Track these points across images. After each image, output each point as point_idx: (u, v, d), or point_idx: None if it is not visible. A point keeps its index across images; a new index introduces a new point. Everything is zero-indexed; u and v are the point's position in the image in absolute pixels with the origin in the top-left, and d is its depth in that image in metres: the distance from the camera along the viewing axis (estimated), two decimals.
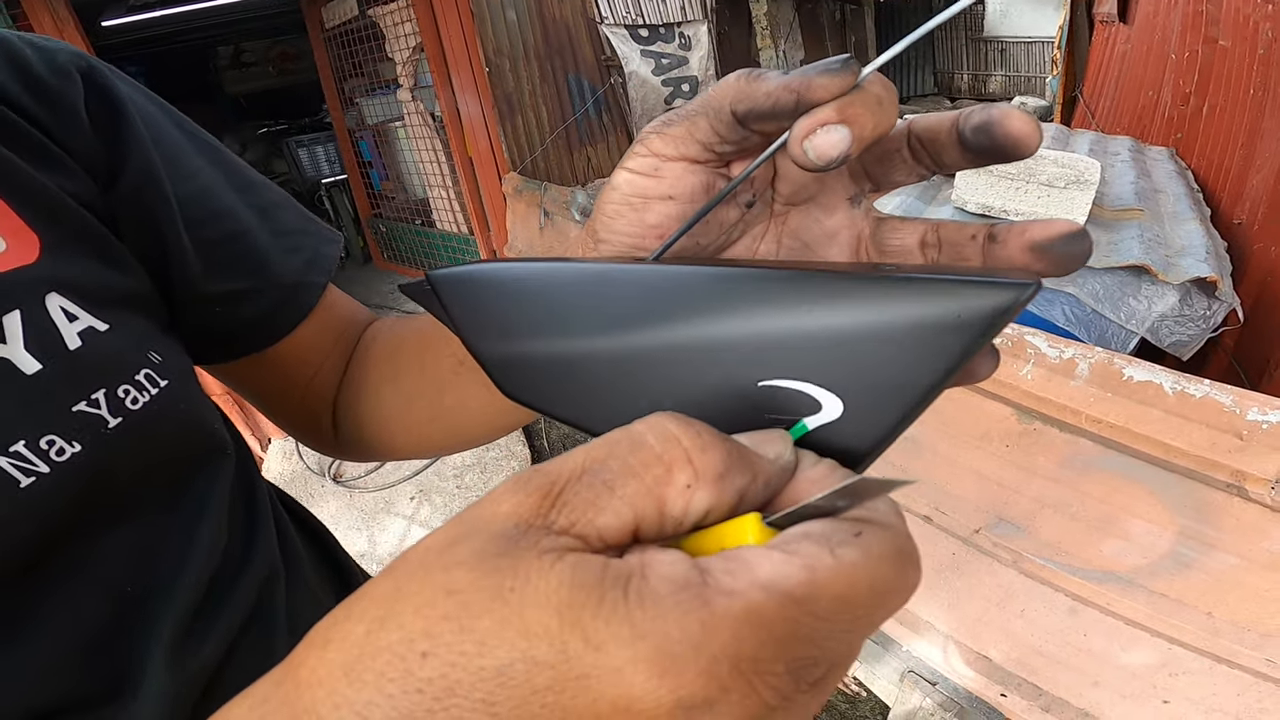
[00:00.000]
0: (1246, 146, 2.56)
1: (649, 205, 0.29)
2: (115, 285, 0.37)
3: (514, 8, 3.71)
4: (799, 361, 0.25)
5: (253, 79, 7.65)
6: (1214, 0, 3.19)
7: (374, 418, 0.52)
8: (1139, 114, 4.10)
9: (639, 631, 0.17)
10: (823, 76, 0.23)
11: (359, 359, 0.53)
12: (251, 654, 0.39)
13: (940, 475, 1.48)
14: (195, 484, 0.39)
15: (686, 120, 0.28)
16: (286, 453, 3.26)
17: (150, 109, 0.44)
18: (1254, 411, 1.13)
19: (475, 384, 0.45)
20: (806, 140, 0.24)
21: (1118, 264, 1.32)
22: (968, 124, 0.25)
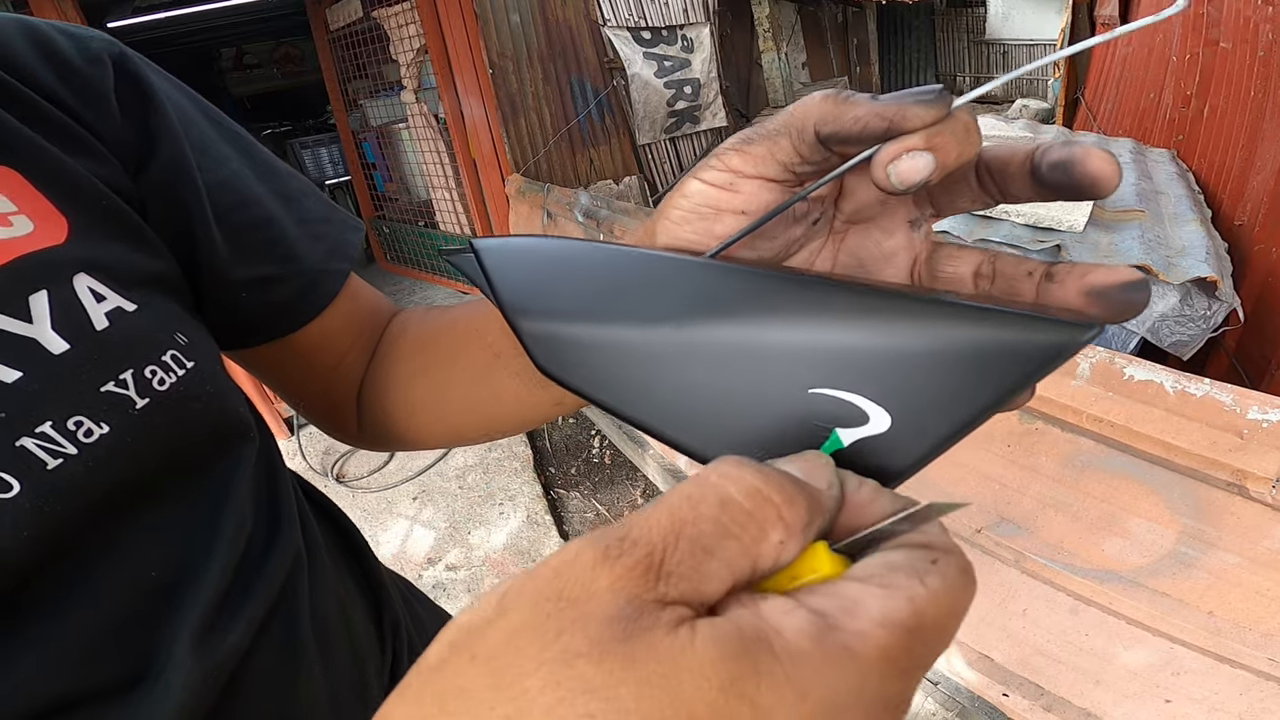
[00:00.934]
0: (1247, 148, 2.55)
1: (720, 217, 0.30)
2: (143, 267, 0.37)
3: (518, 10, 3.74)
4: (853, 373, 0.25)
5: (257, 81, 7.67)
6: (1214, 2, 3.20)
7: (403, 408, 0.52)
8: (1140, 116, 4.10)
9: (802, 691, 0.17)
10: (918, 107, 0.24)
11: (387, 349, 0.53)
12: (276, 641, 0.39)
13: (942, 476, 1.48)
14: (221, 468, 0.39)
15: (768, 140, 0.28)
16: (290, 453, 3.27)
17: (179, 98, 0.44)
18: (1254, 410, 1.13)
19: (512, 376, 0.45)
20: (892, 164, 0.24)
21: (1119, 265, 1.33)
22: (1045, 159, 0.25)
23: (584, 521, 2.76)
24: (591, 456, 3.11)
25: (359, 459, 3.20)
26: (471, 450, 3.13)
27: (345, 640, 0.46)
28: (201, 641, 0.34)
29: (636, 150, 4.49)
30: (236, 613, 0.37)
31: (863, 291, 0.26)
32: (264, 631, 0.38)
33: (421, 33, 3.64)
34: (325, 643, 0.43)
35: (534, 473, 2.94)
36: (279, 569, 0.41)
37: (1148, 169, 2.45)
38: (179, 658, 0.33)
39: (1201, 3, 3.32)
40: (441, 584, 2.46)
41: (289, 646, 0.40)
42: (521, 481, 2.89)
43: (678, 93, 4.50)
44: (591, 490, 2.92)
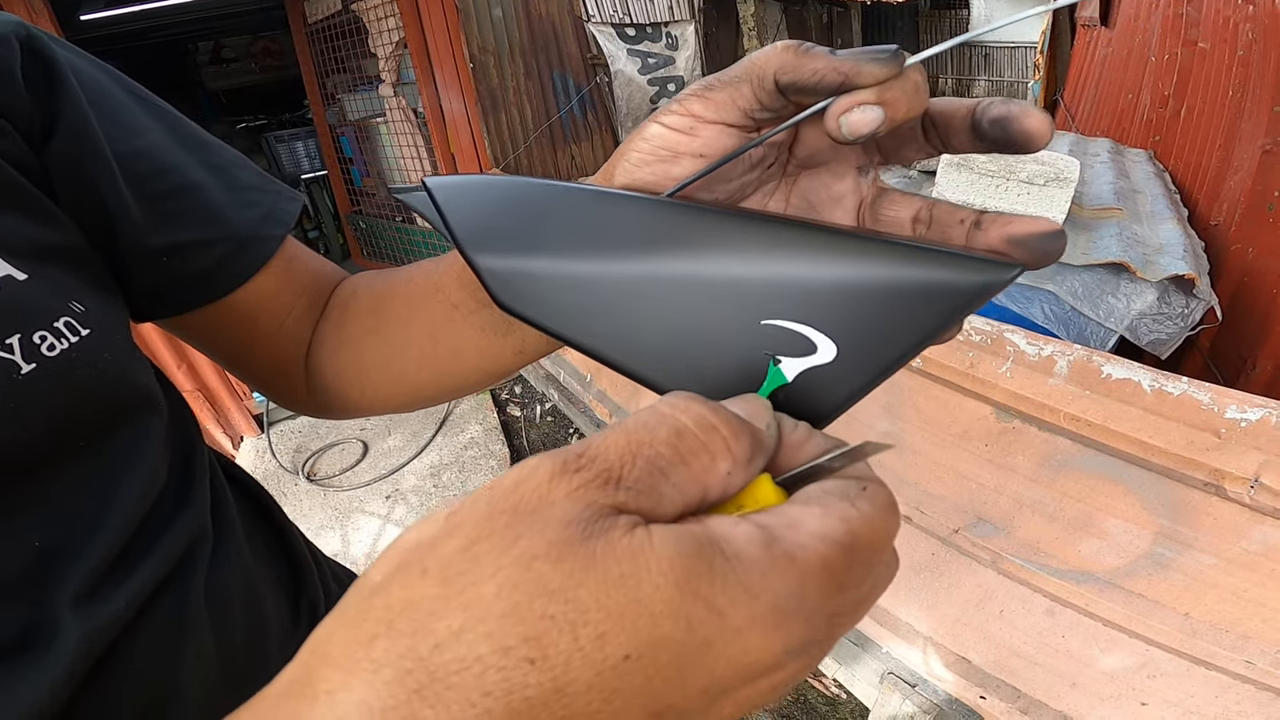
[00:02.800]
0: (1224, 148, 2.57)
1: (678, 160, 0.31)
2: (39, 239, 0.37)
3: (500, 4, 3.69)
4: (802, 305, 0.27)
5: (233, 75, 7.58)
6: (1194, 3, 3.22)
7: (354, 369, 0.51)
8: (1118, 116, 4.13)
9: (752, 592, 0.18)
10: (872, 64, 0.25)
11: (337, 312, 0.53)
12: (164, 614, 0.39)
13: (920, 475, 1.47)
14: (118, 439, 0.39)
15: (729, 86, 0.29)
16: (259, 450, 3.22)
17: (92, 72, 0.44)
18: (1232, 409, 1.13)
19: (471, 328, 0.45)
20: (844, 115, 0.26)
21: (1096, 261, 1.32)
22: (985, 114, 0.27)
23: None
24: None
25: (330, 457, 3.15)
26: (446, 448, 3.10)
27: (247, 618, 0.46)
28: (83, 608, 0.34)
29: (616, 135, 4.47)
30: (121, 583, 0.37)
31: (813, 230, 0.27)
32: (152, 604, 0.38)
33: (401, 26, 3.59)
34: (221, 619, 0.43)
35: None
36: (176, 543, 0.41)
37: (1125, 168, 2.46)
38: (60, 624, 0.33)
39: (1181, 3, 3.35)
40: None
41: (177, 620, 0.40)
42: None
43: (661, 90, 4.48)
44: None
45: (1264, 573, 1.14)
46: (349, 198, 4.85)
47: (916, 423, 1.41)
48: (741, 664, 0.18)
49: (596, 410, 2.37)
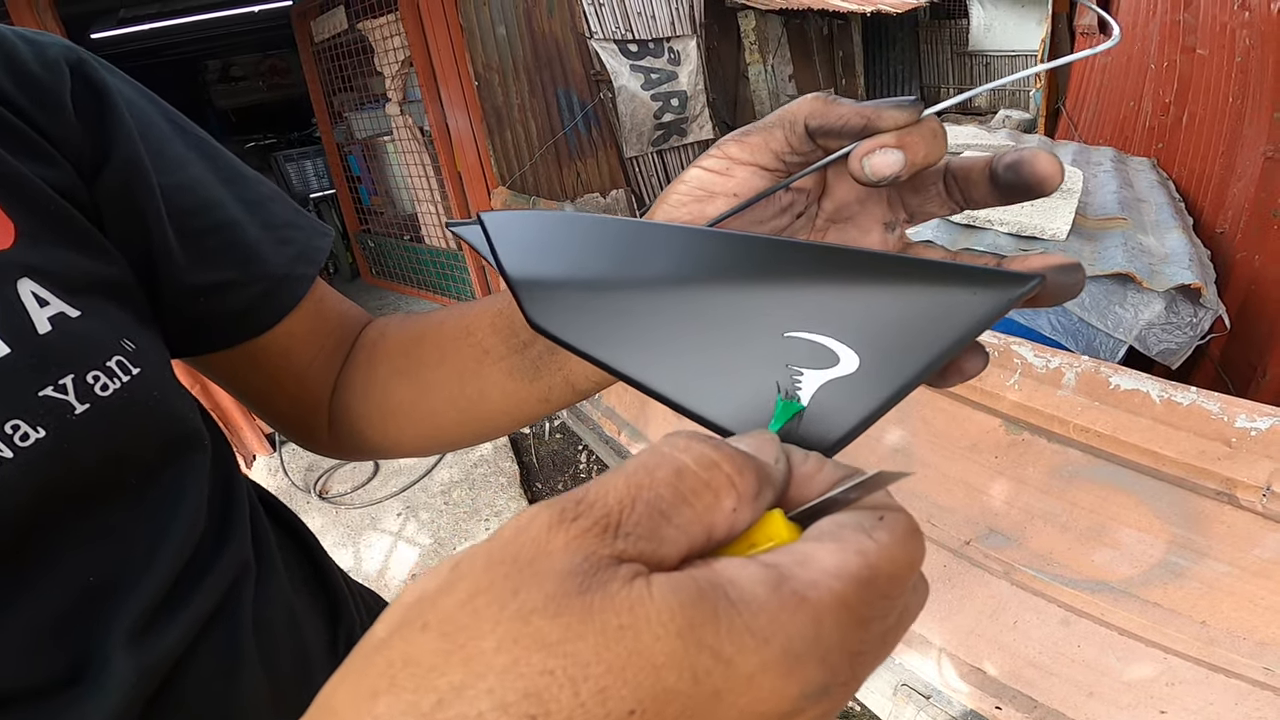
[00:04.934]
0: (1226, 155, 2.55)
1: (713, 199, 0.33)
2: (91, 273, 0.37)
3: (504, 22, 3.71)
4: (823, 318, 0.28)
5: (242, 93, 7.67)
6: (1191, 9, 3.20)
7: (380, 412, 0.52)
8: (1120, 125, 4.11)
9: (761, 637, 0.17)
10: (892, 110, 0.28)
11: (364, 354, 0.53)
12: (217, 646, 0.40)
13: (931, 487, 1.48)
14: (167, 476, 0.39)
15: (764, 131, 0.32)
16: (272, 469, 3.23)
17: (139, 101, 0.44)
18: (1242, 419, 1.13)
19: (499, 373, 0.46)
20: (866, 157, 0.28)
21: (1102, 272, 1.33)
22: (1001, 162, 0.29)
23: None
24: (579, 472, 3.09)
25: (342, 475, 3.16)
26: (457, 466, 3.11)
27: (292, 648, 0.47)
28: (136, 644, 0.35)
29: (624, 163, 4.48)
30: (174, 617, 0.37)
31: (836, 248, 0.29)
32: (204, 636, 0.39)
33: (406, 44, 3.62)
34: (269, 650, 0.43)
35: (520, 488, 2.91)
36: (223, 577, 0.41)
37: (1129, 177, 2.45)
38: (114, 659, 0.33)
39: (1179, 10, 3.32)
40: None
41: (229, 652, 0.40)
42: (508, 497, 2.86)
43: (664, 105, 4.50)
44: None
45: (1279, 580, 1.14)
46: (357, 216, 4.89)
47: (926, 436, 1.41)
48: (756, 712, 0.18)
49: (605, 427, 2.38)
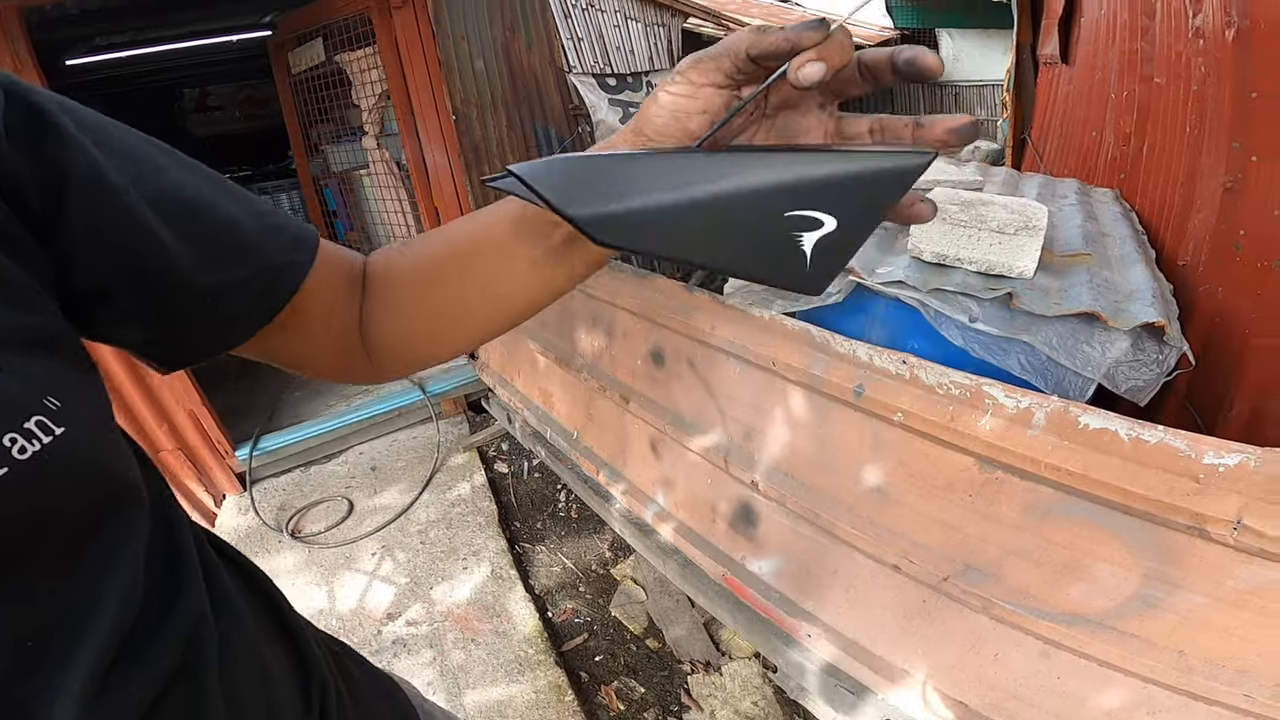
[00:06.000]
0: (1186, 186, 2.55)
1: (690, 117, 0.44)
2: (16, 325, 0.35)
3: (482, 56, 3.73)
4: (810, 198, 0.40)
5: (218, 123, 7.62)
6: (1148, 38, 3.19)
7: (415, 333, 0.58)
8: (1084, 155, 4.11)
9: None
10: (809, 31, 0.38)
11: (379, 286, 0.58)
12: (181, 702, 0.39)
13: (907, 525, 1.48)
14: (104, 535, 0.38)
15: (714, 59, 0.42)
16: (242, 508, 3.18)
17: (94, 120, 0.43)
18: (1210, 455, 1.14)
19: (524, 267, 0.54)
20: (798, 70, 0.38)
21: (1069, 311, 1.35)
22: (899, 58, 0.40)
23: (550, 575, 2.71)
24: (558, 510, 3.07)
25: (316, 514, 3.11)
26: (433, 505, 3.08)
27: (262, 699, 0.46)
28: (90, 707, 0.34)
29: None
30: (129, 676, 0.37)
31: (806, 150, 0.42)
32: (166, 695, 0.39)
33: (384, 78, 3.62)
34: (237, 702, 0.43)
35: (499, 528, 2.88)
36: (177, 632, 0.41)
37: (1093, 210, 2.47)
38: None
39: (1136, 38, 3.32)
40: (402, 639, 2.38)
41: (195, 707, 0.40)
42: (486, 536, 2.83)
43: None
44: (558, 544, 2.87)
45: (1255, 610, 1.14)
46: None
47: (902, 476, 1.42)
48: None
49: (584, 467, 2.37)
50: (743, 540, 1.82)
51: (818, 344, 1.46)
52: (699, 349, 1.80)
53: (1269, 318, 1.91)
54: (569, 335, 2.42)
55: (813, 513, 1.62)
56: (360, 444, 3.61)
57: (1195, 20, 2.60)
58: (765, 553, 1.78)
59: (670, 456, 1.98)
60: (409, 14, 3.39)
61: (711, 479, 1.81)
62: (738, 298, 1.65)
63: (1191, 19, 2.63)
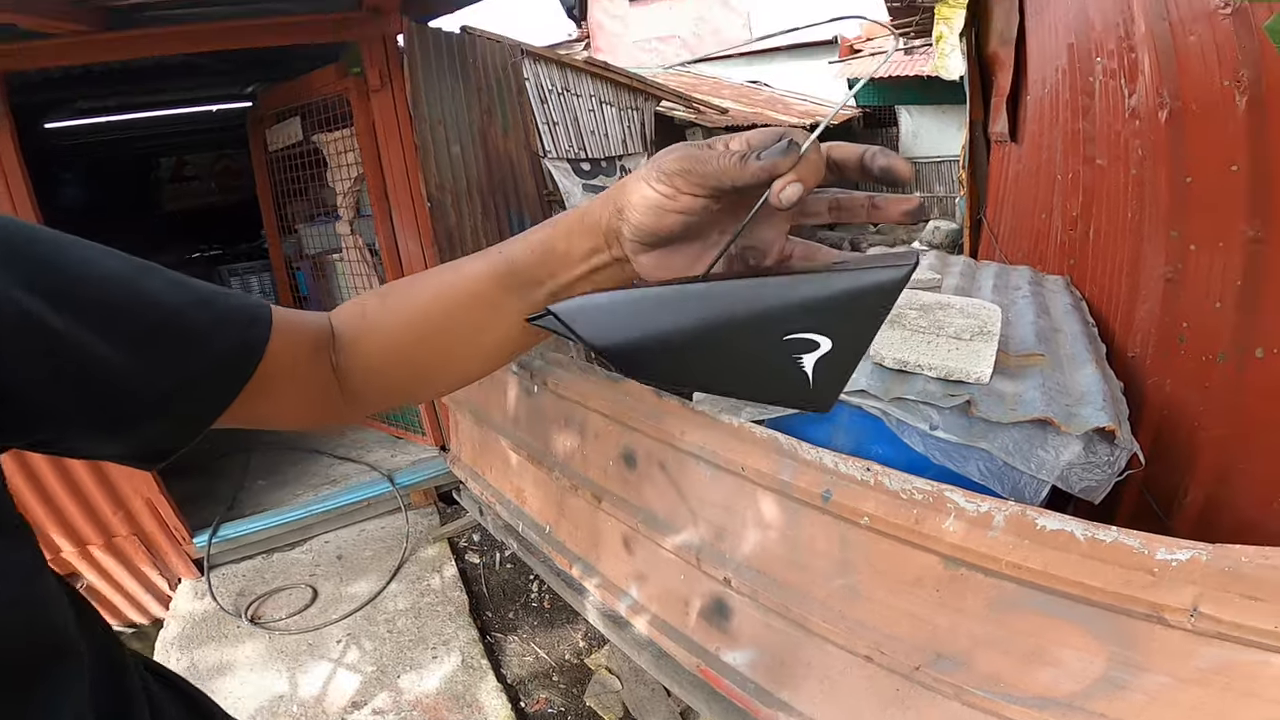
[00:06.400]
0: (1130, 276, 2.51)
1: (667, 216, 0.46)
2: None
3: (459, 141, 3.76)
4: (804, 321, 0.43)
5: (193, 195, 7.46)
6: (1089, 117, 3.11)
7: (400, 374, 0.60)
8: (1036, 238, 4.03)
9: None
10: (782, 160, 0.42)
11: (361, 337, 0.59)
12: None
13: (878, 619, 1.50)
14: (40, 690, 0.37)
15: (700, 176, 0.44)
16: (199, 592, 3.09)
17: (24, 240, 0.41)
18: (1163, 552, 1.19)
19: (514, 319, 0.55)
20: (780, 194, 0.42)
21: (1024, 418, 1.41)
22: (874, 164, 0.45)
23: (523, 665, 2.65)
24: (530, 600, 3.03)
25: (278, 601, 3.03)
26: (403, 595, 3.02)
27: None
28: None
29: None
30: None
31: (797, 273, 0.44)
32: None
33: (360, 160, 3.63)
34: None
35: (469, 617, 2.83)
36: None
37: (1045, 302, 2.52)
38: None
39: (1078, 118, 3.24)
40: None
41: None
42: (456, 626, 2.77)
43: None
44: (530, 634, 2.83)
45: (1219, 687, 1.16)
46: None
47: (870, 574, 1.45)
48: None
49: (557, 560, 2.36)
50: (716, 633, 1.82)
51: (785, 451, 1.50)
52: (670, 452, 1.83)
53: (1216, 410, 1.94)
54: (541, 434, 2.44)
55: (785, 607, 1.63)
56: (326, 533, 3.54)
57: (1131, 100, 2.56)
58: (739, 645, 1.77)
59: (643, 552, 1.99)
60: (387, 97, 3.44)
61: (684, 574, 1.81)
62: (707, 404, 1.70)
63: (1128, 99, 2.59)
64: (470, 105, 3.87)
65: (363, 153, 3.58)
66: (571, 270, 0.52)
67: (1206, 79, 2.03)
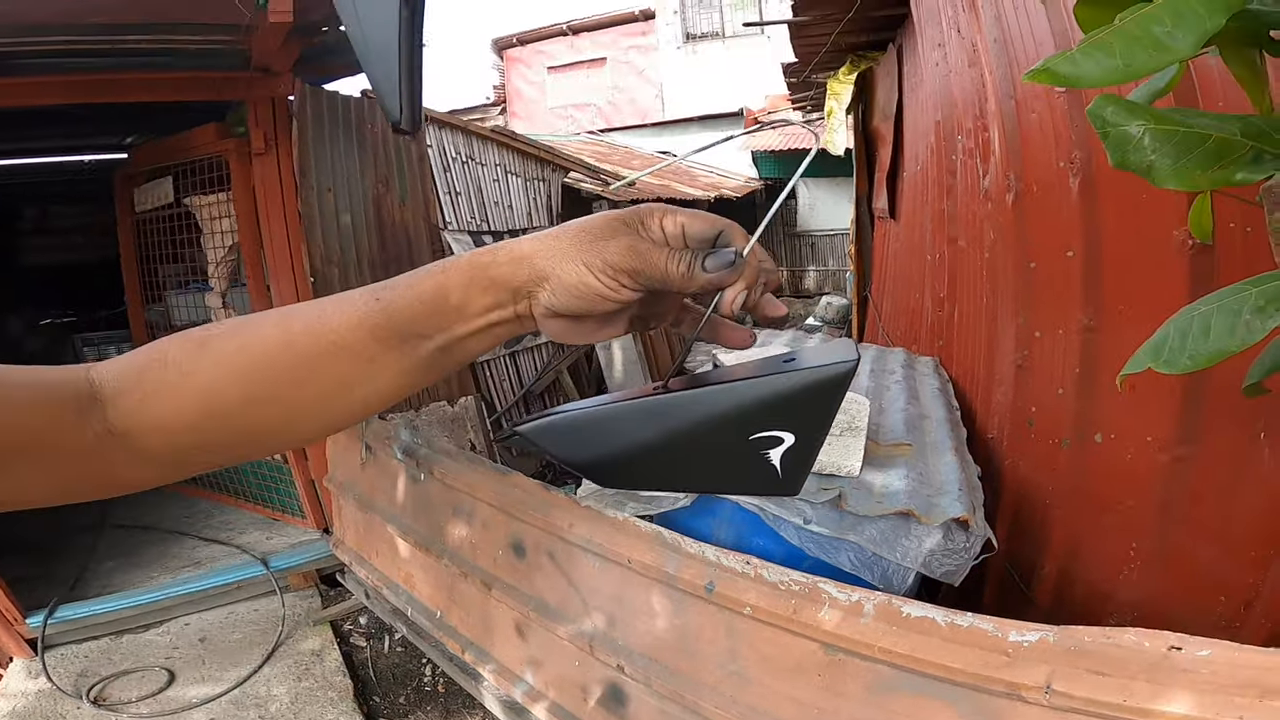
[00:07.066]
0: (987, 359, 2.60)
1: (604, 303, 0.47)
2: None
3: (350, 210, 3.59)
4: (768, 421, 0.46)
5: (57, 250, 6.92)
6: (951, 197, 3.12)
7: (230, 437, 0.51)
8: (911, 316, 4.13)
9: None
10: (729, 273, 0.46)
11: (165, 390, 0.49)
12: None
13: (768, 703, 1.52)
14: None
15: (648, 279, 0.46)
16: (32, 672, 2.78)
17: None
18: (1014, 634, 1.27)
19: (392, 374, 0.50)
20: (731, 304, 0.47)
21: (889, 510, 1.51)
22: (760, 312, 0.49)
23: None
24: (424, 685, 2.88)
25: (128, 682, 2.75)
26: (278, 681, 2.80)
27: None
28: None
29: (474, 367, 4.31)
30: None
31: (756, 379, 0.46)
32: None
33: (236, 229, 3.37)
34: None
35: (355, 703, 2.66)
36: None
37: (915, 386, 2.65)
38: None
39: (943, 198, 3.28)
40: None
41: None
42: (339, 712, 2.60)
43: None
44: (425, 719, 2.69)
45: None
46: None
47: (756, 660, 1.48)
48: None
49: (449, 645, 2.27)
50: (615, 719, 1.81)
51: (669, 545, 1.54)
52: (559, 543, 1.84)
53: (1063, 490, 2.08)
54: (429, 521, 2.37)
55: (678, 694, 1.64)
56: (188, 615, 3.26)
57: (985, 181, 2.58)
58: None
59: (536, 639, 1.95)
60: (271, 161, 3.24)
61: (579, 661, 1.80)
62: (592, 499, 1.72)
63: (982, 179, 2.61)
64: (365, 172, 3.73)
65: (240, 219, 3.34)
66: (466, 324, 0.49)
67: (1045, 160, 2.09)
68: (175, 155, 3.64)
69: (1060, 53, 0.67)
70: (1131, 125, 0.77)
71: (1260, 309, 0.79)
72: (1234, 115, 0.82)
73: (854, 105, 5.67)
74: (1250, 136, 0.78)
